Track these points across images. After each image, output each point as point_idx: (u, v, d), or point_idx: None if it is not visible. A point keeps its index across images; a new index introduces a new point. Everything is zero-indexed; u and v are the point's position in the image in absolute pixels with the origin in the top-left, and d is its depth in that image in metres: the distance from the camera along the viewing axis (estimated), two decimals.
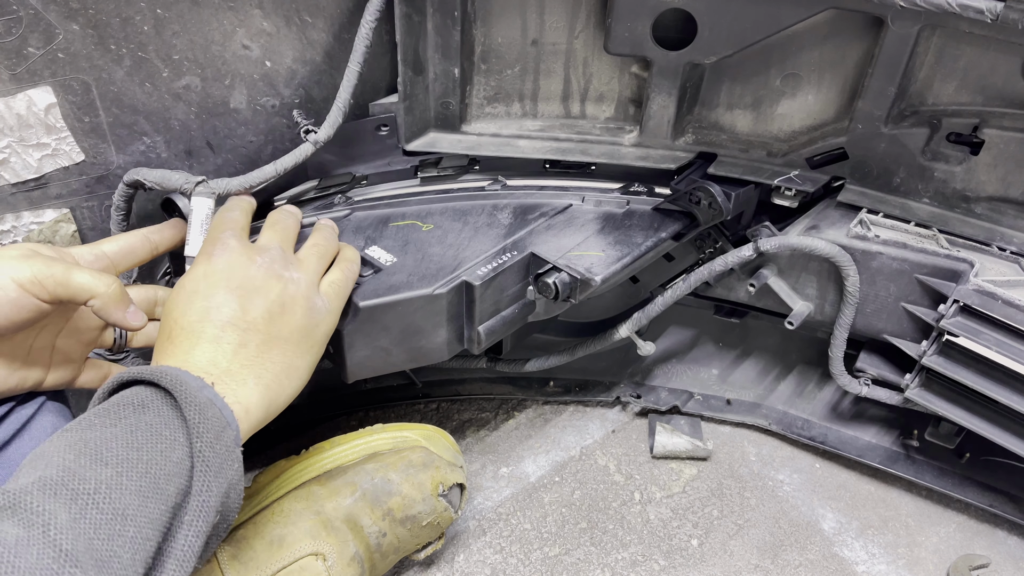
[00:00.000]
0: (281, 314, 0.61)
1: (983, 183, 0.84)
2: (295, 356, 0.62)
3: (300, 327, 0.62)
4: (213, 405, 0.52)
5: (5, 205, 0.71)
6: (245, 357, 0.58)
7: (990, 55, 0.77)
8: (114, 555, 0.43)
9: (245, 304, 0.59)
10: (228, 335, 0.58)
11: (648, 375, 1.14)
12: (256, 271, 0.62)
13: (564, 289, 0.76)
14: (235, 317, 0.58)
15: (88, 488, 0.44)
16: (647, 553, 0.92)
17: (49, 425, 0.62)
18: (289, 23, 0.77)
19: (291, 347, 0.61)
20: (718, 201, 0.83)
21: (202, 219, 0.71)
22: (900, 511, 0.99)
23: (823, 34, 0.81)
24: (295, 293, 0.63)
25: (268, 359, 0.59)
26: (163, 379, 0.51)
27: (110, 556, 0.42)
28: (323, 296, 0.66)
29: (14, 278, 0.55)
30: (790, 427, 1.07)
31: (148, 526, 0.45)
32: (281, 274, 0.63)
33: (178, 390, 0.51)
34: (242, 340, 0.58)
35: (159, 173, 0.72)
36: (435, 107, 0.88)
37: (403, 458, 0.82)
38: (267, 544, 0.73)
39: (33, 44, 0.65)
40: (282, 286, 0.62)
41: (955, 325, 0.80)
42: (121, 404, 0.50)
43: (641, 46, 0.82)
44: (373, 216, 0.84)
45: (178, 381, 0.51)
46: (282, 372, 0.60)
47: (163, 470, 0.48)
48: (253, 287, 0.61)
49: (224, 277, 0.60)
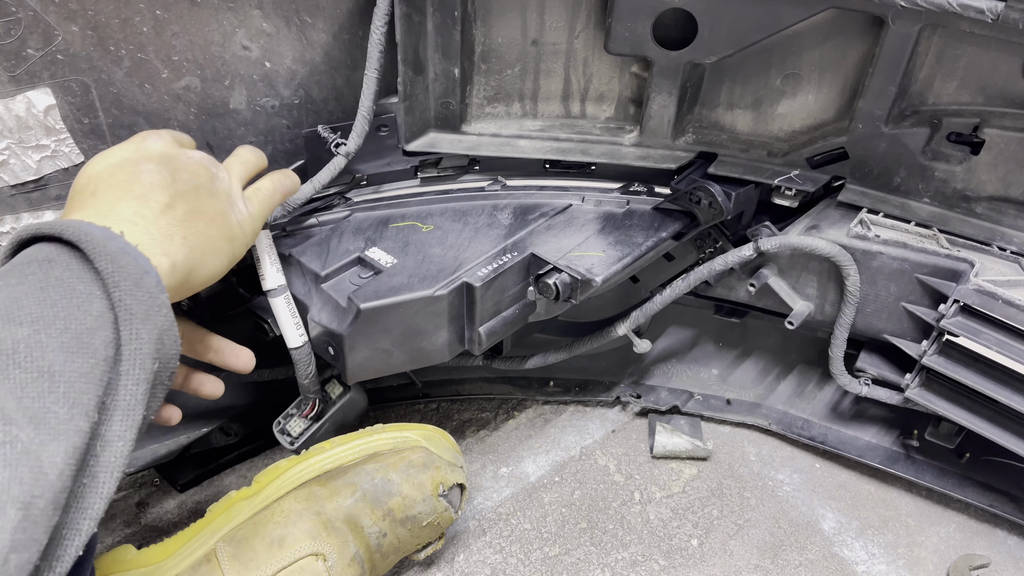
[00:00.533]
0: (209, 196, 0.60)
1: (983, 183, 0.84)
2: (219, 237, 0.60)
3: (223, 214, 0.61)
4: (125, 254, 0.49)
5: (4, 207, 0.71)
6: (172, 217, 0.56)
7: (991, 55, 0.76)
8: (48, 411, 0.41)
9: (175, 175, 0.58)
10: (156, 195, 0.56)
11: (648, 375, 1.14)
12: (186, 157, 0.61)
13: (565, 290, 0.76)
14: (164, 183, 0.57)
15: (5, 348, 0.42)
16: (647, 553, 0.92)
17: None
18: (289, 24, 0.77)
19: (215, 228, 0.60)
20: (718, 201, 0.83)
21: (267, 250, 0.72)
22: (900, 511, 1.00)
23: (823, 34, 0.81)
24: (221, 187, 0.63)
25: (194, 226, 0.58)
26: (66, 232, 0.49)
27: (44, 412, 0.41)
28: (246, 199, 0.66)
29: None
30: (790, 427, 1.07)
31: (80, 380, 0.44)
32: (209, 167, 0.63)
33: (84, 242, 0.48)
34: (170, 202, 0.56)
35: None
36: (435, 107, 0.88)
37: (403, 458, 0.82)
38: (267, 544, 0.73)
39: (32, 45, 0.65)
40: (210, 175, 0.62)
41: (955, 325, 0.80)
42: (24, 262, 0.48)
43: (641, 46, 0.82)
44: (373, 217, 0.84)
45: (83, 233, 0.48)
46: (207, 243, 0.59)
47: (83, 324, 0.46)
48: (182, 166, 0.60)
49: (157, 154, 0.60)
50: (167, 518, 0.93)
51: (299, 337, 0.73)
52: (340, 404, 0.85)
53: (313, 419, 0.84)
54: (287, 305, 0.72)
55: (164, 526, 0.92)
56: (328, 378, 0.86)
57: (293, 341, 0.73)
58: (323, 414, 0.84)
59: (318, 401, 0.83)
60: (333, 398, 0.85)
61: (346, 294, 0.72)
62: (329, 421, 0.84)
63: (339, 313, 0.72)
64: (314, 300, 0.74)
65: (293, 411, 0.84)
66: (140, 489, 0.97)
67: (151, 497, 0.96)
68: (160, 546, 0.76)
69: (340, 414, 0.85)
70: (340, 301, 0.72)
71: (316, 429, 0.84)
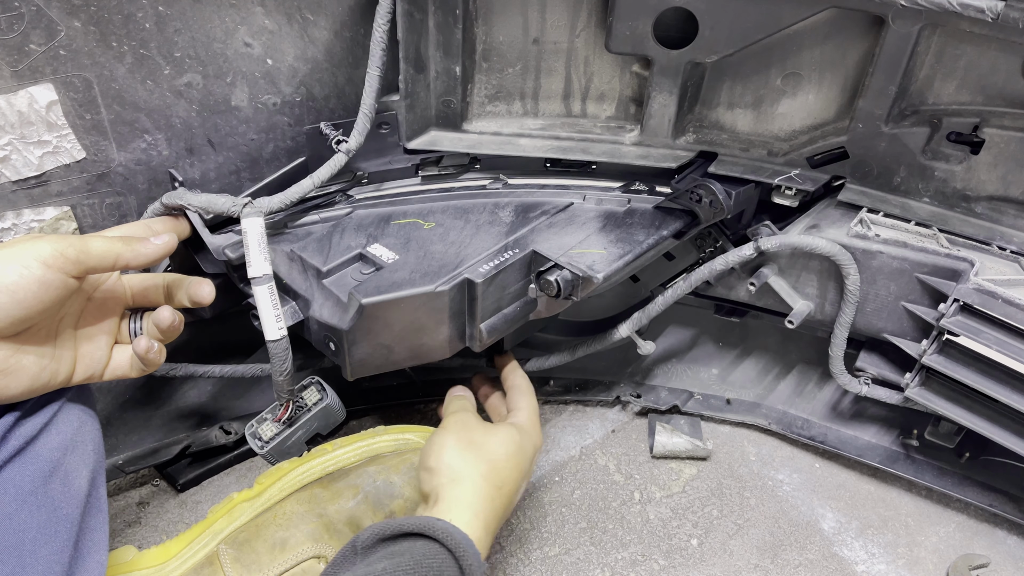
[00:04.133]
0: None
1: (983, 182, 0.84)
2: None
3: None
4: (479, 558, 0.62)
5: (6, 202, 0.71)
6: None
7: (991, 54, 0.77)
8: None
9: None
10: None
11: (648, 374, 1.14)
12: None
13: (566, 287, 0.76)
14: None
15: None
16: (647, 553, 0.92)
17: (75, 419, 0.62)
18: (291, 21, 0.77)
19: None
20: (719, 200, 0.83)
21: (257, 238, 0.71)
22: (900, 511, 1.00)
23: (824, 33, 0.81)
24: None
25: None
26: (456, 549, 0.60)
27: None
28: None
29: (36, 257, 0.55)
30: (790, 426, 1.07)
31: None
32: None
33: (463, 558, 0.60)
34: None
35: (204, 198, 0.72)
36: (436, 105, 0.88)
37: (405, 460, 0.82)
38: (269, 547, 0.72)
39: (35, 41, 0.65)
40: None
41: (955, 324, 0.80)
42: (423, 565, 0.59)
43: (642, 45, 0.82)
44: (374, 214, 0.84)
45: (465, 554, 0.60)
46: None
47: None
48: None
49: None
50: (167, 518, 0.93)
51: (278, 330, 0.71)
52: (315, 412, 0.83)
53: (285, 424, 0.81)
54: (270, 295, 0.70)
55: (164, 525, 0.92)
56: (307, 384, 0.84)
57: (271, 334, 0.71)
58: (296, 420, 0.82)
59: (292, 404, 0.81)
60: (309, 405, 0.83)
61: (347, 289, 0.72)
62: (302, 428, 0.82)
63: (340, 308, 0.72)
64: (315, 296, 0.74)
65: (267, 415, 0.82)
66: (140, 489, 0.96)
67: (151, 497, 0.96)
68: (161, 547, 0.75)
69: (314, 422, 0.83)
70: (341, 296, 0.72)
71: (288, 435, 0.81)
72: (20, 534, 0.55)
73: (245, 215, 0.71)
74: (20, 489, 0.56)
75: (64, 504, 0.58)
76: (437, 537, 0.61)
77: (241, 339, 0.95)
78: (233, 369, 0.90)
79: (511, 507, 0.73)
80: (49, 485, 0.58)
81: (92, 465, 0.63)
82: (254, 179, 0.83)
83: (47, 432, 0.60)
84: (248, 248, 0.70)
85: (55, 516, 0.57)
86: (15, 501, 0.56)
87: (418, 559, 0.58)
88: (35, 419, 0.60)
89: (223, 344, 0.96)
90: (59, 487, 0.59)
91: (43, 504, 0.57)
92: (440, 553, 0.60)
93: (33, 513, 0.56)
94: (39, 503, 0.57)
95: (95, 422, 0.65)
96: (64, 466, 0.60)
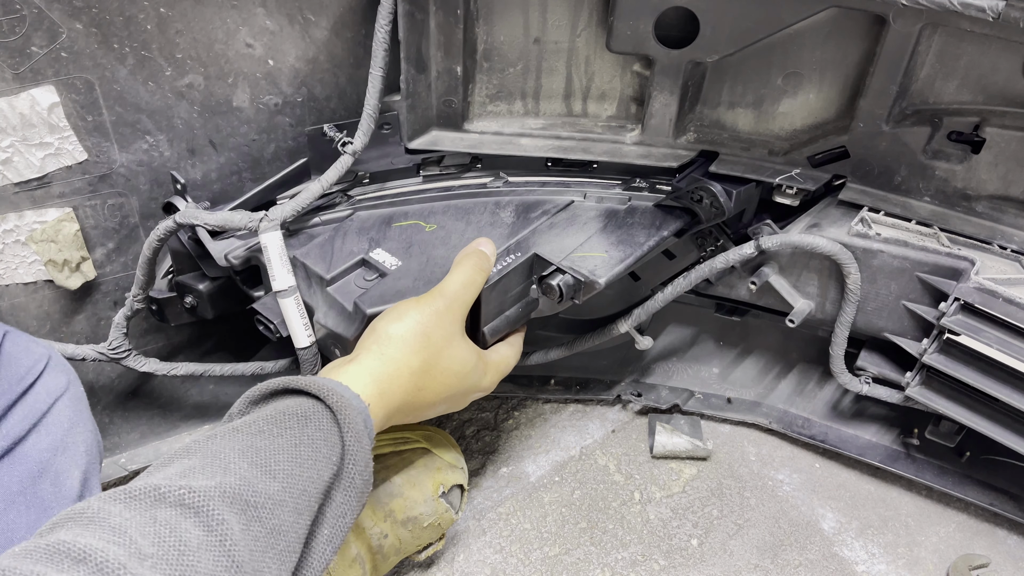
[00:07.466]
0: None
1: (984, 181, 0.84)
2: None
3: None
4: (366, 433, 0.55)
5: (8, 204, 0.71)
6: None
7: (991, 54, 0.77)
8: (265, 567, 0.45)
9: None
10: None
11: (648, 373, 1.14)
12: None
13: (568, 291, 0.76)
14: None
15: (258, 501, 0.47)
16: (647, 553, 0.92)
17: (66, 420, 0.63)
18: (292, 21, 0.77)
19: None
20: (720, 199, 0.83)
21: (278, 252, 0.71)
22: (900, 511, 1.00)
23: (825, 33, 0.81)
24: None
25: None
26: (328, 397, 0.54)
27: (262, 568, 0.45)
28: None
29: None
30: (790, 426, 1.07)
31: (296, 541, 0.48)
32: None
33: (340, 411, 0.53)
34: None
35: (219, 216, 0.72)
36: (437, 105, 0.88)
37: (404, 459, 0.82)
38: None
39: (36, 43, 0.65)
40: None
41: (956, 323, 0.80)
42: (286, 414, 0.52)
43: (643, 44, 0.82)
44: (376, 216, 0.84)
45: (343, 402, 0.54)
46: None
47: (316, 488, 0.50)
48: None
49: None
50: None
51: (307, 338, 0.73)
52: None
53: None
54: (296, 306, 0.72)
55: None
56: None
57: (301, 342, 0.73)
58: None
59: None
60: None
61: (352, 298, 0.72)
62: None
63: (345, 317, 0.72)
64: (320, 303, 0.74)
65: None
66: None
67: None
68: None
69: None
70: (346, 305, 0.72)
71: None
72: (8, 534, 0.56)
73: (263, 230, 0.71)
74: (8, 489, 0.57)
75: (54, 504, 0.59)
76: (310, 391, 0.54)
77: (242, 339, 0.95)
78: (234, 368, 0.90)
79: (417, 417, 0.66)
80: (39, 485, 0.58)
81: (84, 466, 0.63)
82: (256, 180, 0.83)
83: (36, 433, 0.60)
84: (271, 263, 0.71)
85: (45, 516, 0.58)
86: (3, 501, 0.56)
87: (281, 409, 0.53)
88: (23, 421, 0.60)
89: (224, 344, 0.96)
90: (49, 488, 0.59)
91: (32, 504, 0.58)
92: (309, 403, 0.54)
93: (22, 513, 0.57)
94: (28, 503, 0.57)
95: (89, 424, 0.65)
96: (54, 467, 0.60)
